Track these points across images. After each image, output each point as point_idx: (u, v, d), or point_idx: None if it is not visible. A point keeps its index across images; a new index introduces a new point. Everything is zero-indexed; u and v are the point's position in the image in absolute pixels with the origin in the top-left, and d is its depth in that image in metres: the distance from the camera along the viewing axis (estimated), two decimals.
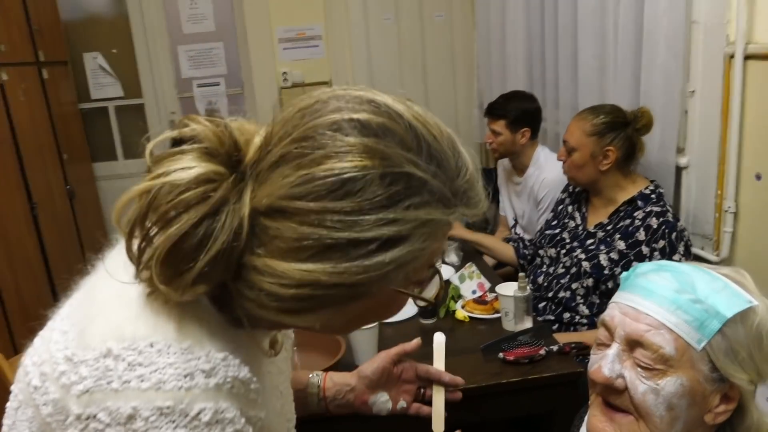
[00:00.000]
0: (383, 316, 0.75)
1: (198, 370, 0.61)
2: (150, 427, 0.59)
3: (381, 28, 4.22)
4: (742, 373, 0.81)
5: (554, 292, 2.17)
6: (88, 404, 0.60)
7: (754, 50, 1.88)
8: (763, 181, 1.94)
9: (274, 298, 0.62)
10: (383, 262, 0.60)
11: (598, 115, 2.11)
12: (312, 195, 0.59)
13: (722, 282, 0.84)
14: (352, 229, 0.59)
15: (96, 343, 0.62)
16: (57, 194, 3.35)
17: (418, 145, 0.62)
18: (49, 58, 3.43)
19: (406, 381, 1.12)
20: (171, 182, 0.60)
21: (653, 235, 1.98)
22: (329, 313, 0.64)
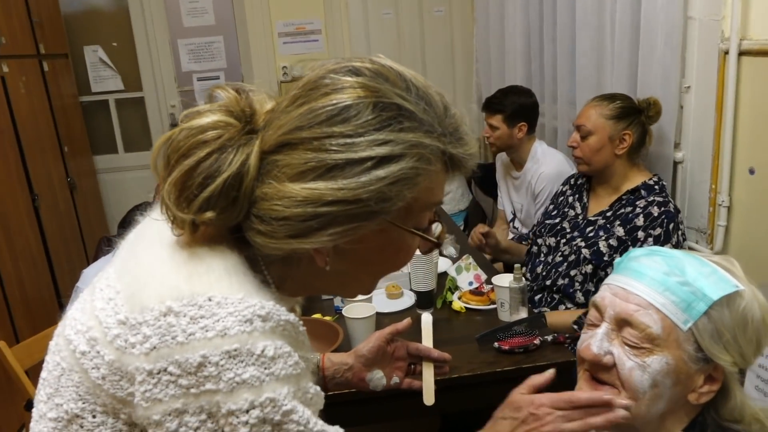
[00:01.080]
0: (392, 261, 0.78)
1: (255, 316, 0.67)
2: (222, 370, 0.64)
3: (380, 22, 4.24)
4: (726, 354, 0.84)
5: (552, 279, 2.20)
6: (157, 360, 0.65)
7: (748, 46, 1.90)
8: (756, 175, 1.97)
9: (284, 223, 0.68)
10: (380, 176, 0.67)
11: (614, 100, 2.15)
12: (313, 124, 0.68)
13: (711, 267, 0.87)
14: (350, 149, 0.67)
15: (154, 303, 0.67)
16: (58, 186, 3.37)
17: (407, 86, 0.71)
18: (50, 51, 3.45)
19: (398, 358, 1.19)
20: (188, 127, 0.71)
21: (651, 222, 2.02)
22: (337, 237, 0.68)
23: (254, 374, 0.65)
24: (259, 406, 0.65)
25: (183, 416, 0.65)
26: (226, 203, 0.69)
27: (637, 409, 0.87)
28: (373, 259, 0.76)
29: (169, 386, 0.64)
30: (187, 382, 0.64)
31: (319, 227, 0.68)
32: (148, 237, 0.77)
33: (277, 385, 0.66)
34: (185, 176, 0.69)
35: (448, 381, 1.61)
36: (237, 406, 0.64)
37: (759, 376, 1.41)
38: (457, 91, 4.45)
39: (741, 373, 0.90)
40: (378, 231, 0.72)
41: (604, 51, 2.58)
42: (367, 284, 0.82)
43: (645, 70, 2.28)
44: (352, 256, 0.74)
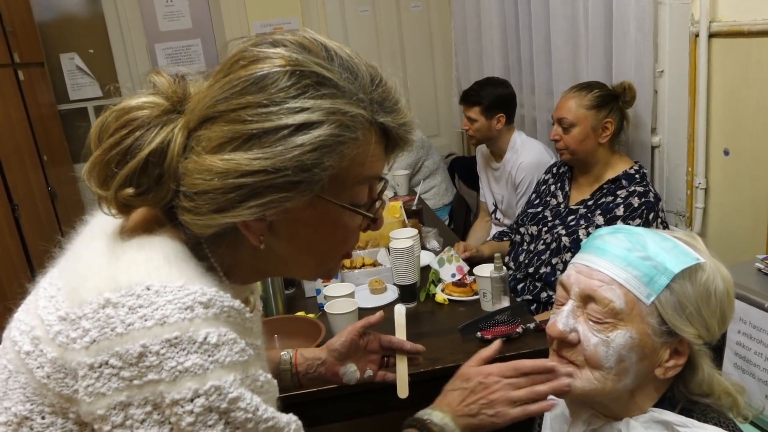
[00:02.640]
0: (331, 240, 0.76)
1: (196, 303, 0.65)
2: (163, 359, 0.63)
3: (358, 20, 4.24)
4: (690, 327, 0.85)
5: (535, 268, 2.21)
6: (98, 353, 0.63)
7: (717, 28, 1.92)
8: (730, 156, 1.99)
9: (206, 197, 0.67)
10: (296, 144, 0.65)
11: (591, 90, 2.16)
12: (230, 95, 0.67)
13: (672, 242, 0.88)
14: (265, 118, 0.65)
15: (92, 296, 0.65)
16: (38, 196, 3.34)
17: (329, 56, 0.70)
18: (25, 60, 3.41)
19: (371, 351, 1.18)
20: (118, 108, 0.71)
21: (631, 213, 2.03)
22: (260, 209, 0.67)
23: (197, 362, 0.63)
24: (204, 394, 0.63)
25: (128, 409, 0.63)
26: (149, 181, 0.69)
27: (604, 385, 0.87)
28: (310, 238, 0.75)
29: (111, 379, 0.63)
30: (129, 373, 0.63)
31: (241, 200, 0.67)
32: (90, 233, 0.76)
33: (222, 372, 0.65)
34: (105, 153, 0.69)
35: (433, 373, 1.62)
36: (181, 395, 0.63)
37: (737, 353, 1.42)
38: (438, 86, 4.46)
39: (716, 350, 0.91)
40: (309, 206, 0.71)
41: (578, 40, 2.59)
42: (313, 267, 0.80)
43: (619, 57, 2.30)
44: (288, 236, 0.73)
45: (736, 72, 1.90)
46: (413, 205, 2.67)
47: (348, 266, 2.22)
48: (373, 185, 0.77)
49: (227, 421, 0.65)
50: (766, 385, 1.36)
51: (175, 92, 0.72)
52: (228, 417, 0.65)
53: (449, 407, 0.93)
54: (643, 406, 0.90)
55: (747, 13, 1.83)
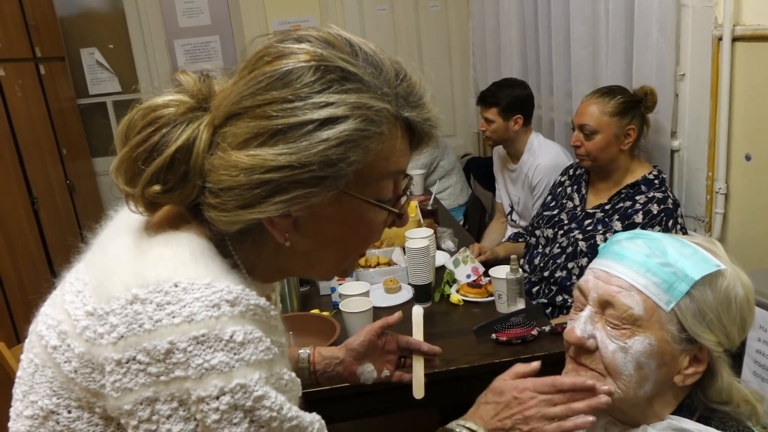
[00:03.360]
0: (355, 236, 0.76)
1: (223, 300, 0.65)
2: (190, 357, 0.63)
3: (376, 19, 4.24)
4: (710, 334, 0.84)
5: (550, 271, 2.20)
6: (125, 349, 0.64)
7: (741, 32, 1.89)
8: (752, 161, 1.96)
9: (232, 193, 0.67)
10: (322, 139, 0.65)
11: (614, 96, 2.12)
12: (255, 91, 0.67)
13: (692, 248, 0.87)
14: (291, 114, 0.65)
15: (120, 292, 0.66)
16: (57, 189, 3.38)
17: (353, 52, 0.70)
18: (46, 54, 3.45)
19: (388, 351, 1.18)
20: (145, 107, 0.71)
21: (651, 220, 2.01)
22: (286, 205, 0.67)
23: (223, 360, 0.64)
24: (230, 392, 0.64)
25: (155, 404, 0.64)
26: (175, 178, 0.69)
27: (625, 393, 0.87)
28: (334, 235, 0.74)
29: (138, 375, 0.64)
30: (156, 369, 0.63)
31: (266, 195, 0.67)
32: (116, 228, 0.76)
33: (247, 370, 0.65)
34: (132, 151, 0.70)
35: (447, 373, 1.62)
36: (207, 393, 0.63)
37: (756, 361, 1.40)
38: (455, 86, 4.45)
39: (735, 357, 0.90)
40: (334, 202, 0.70)
41: (598, 41, 2.57)
42: (334, 264, 0.80)
43: (640, 59, 2.28)
44: (312, 232, 0.73)
45: (760, 76, 1.88)
46: (428, 204, 2.67)
47: (363, 265, 2.22)
48: (398, 181, 0.77)
49: (252, 420, 0.66)
50: None
51: (200, 90, 0.73)
52: (253, 415, 0.66)
53: (482, 420, 0.92)
54: (660, 413, 0.90)
55: None
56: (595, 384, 0.85)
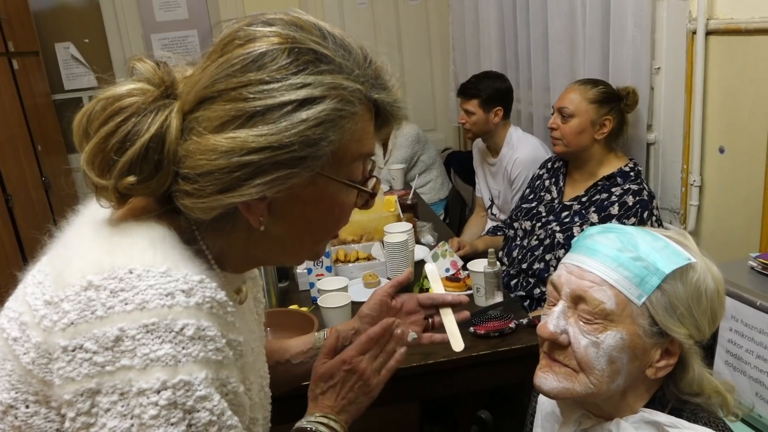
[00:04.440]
0: (329, 218, 0.77)
1: (178, 290, 0.65)
2: (138, 345, 0.62)
3: (356, 12, 4.22)
4: (681, 327, 0.85)
5: (528, 263, 2.21)
6: (74, 336, 0.63)
7: (715, 26, 1.91)
8: (726, 154, 1.98)
9: (210, 178, 0.66)
10: (301, 119, 0.66)
11: (597, 85, 2.17)
12: (229, 74, 0.67)
13: (664, 241, 0.88)
14: (268, 95, 0.65)
15: (75, 279, 0.65)
16: (32, 186, 3.32)
17: (323, 35, 0.70)
18: (19, 49, 3.39)
19: (409, 312, 1.11)
20: (105, 97, 0.69)
21: (626, 212, 2.03)
22: (266, 187, 0.67)
23: (169, 352, 0.63)
24: (172, 387, 0.62)
25: (95, 396, 0.62)
26: (149, 167, 0.68)
27: (597, 387, 0.87)
28: (309, 217, 0.75)
29: (83, 365, 0.62)
30: (102, 359, 0.62)
31: (246, 178, 0.66)
32: (80, 221, 0.76)
33: (194, 367, 0.64)
34: (103, 142, 0.68)
35: (425, 367, 1.62)
36: (148, 385, 0.62)
37: (728, 350, 1.42)
38: (435, 80, 4.45)
39: (707, 348, 0.91)
40: (310, 184, 0.70)
41: (576, 36, 2.58)
42: (308, 247, 0.80)
43: (616, 53, 2.29)
44: (287, 215, 0.73)
45: (733, 70, 1.90)
46: (408, 199, 2.67)
47: (342, 260, 2.22)
48: (366, 163, 0.78)
49: (190, 423, 0.64)
50: (756, 383, 1.36)
51: (162, 78, 0.72)
52: (192, 417, 0.64)
53: (329, 408, 0.91)
54: (634, 406, 0.90)
55: (744, 10, 1.83)
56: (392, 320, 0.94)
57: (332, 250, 2.20)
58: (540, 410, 1.08)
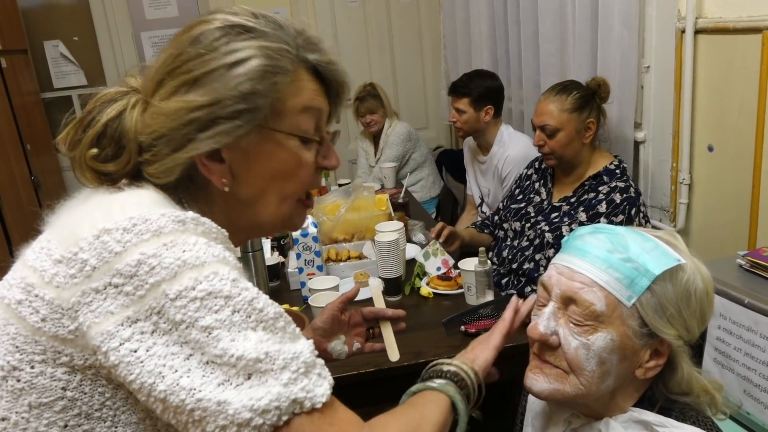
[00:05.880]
0: (287, 172, 0.81)
1: (188, 218, 0.71)
2: (161, 259, 0.66)
3: (347, 11, 4.22)
4: (670, 328, 0.85)
5: (518, 263, 2.22)
6: (100, 277, 0.66)
7: (703, 24, 1.92)
8: (715, 152, 2.00)
9: (164, 140, 0.76)
10: (234, 76, 0.75)
11: (570, 92, 2.13)
12: (176, 55, 0.77)
13: (653, 242, 0.88)
14: (207, 63, 0.75)
15: (87, 232, 0.68)
16: (21, 185, 3.30)
17: (255, 16, 0.80)
18: (8, 47, 3.37)
19: (355, 325, 1.22)
20: (95, 97, 0.82)
21: (614, 209, 2.04)
22: (213, 140, 0.75)
23: (194, 254, 0.67)
24: (204, 279, 0.66)
25: (136, 324, 0.65)
26: (109, 143, 0.79)
27: (587, 388, 0.88)
28: (268, 174, 0.80)
29: (117, 297, 0.65)
30: (131, 287, 0.65)
31: (193, 134, 0.75)
32: (76, 199, 0.80)
33: (218, 265, 0.68)
34: (77, 124, 0.80)
35: (416, 366, 1.61)
36: (183, 286, 0.65)
37: (717, 348, 1.43)
38: (426, 78, 4.45)
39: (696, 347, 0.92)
40: (259, 139, 0.77)
41: (566, 34, 2.59)
42: (275, 208, 0.83)
43: (605, 51, 2.30)
44: (247, 174, 0.79)
45: (721, 68, 1.91)
46: (400, 197, 2.67)
47: (333, 259, 2.22)
48: (320, 122, 0.83)
49: (235, 309, 0.66)
50: (744, 380, 1.37)
51: (136, 82, 0.83)
52: (235, 303, 0.67)
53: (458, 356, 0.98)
54: (623, 406, 0.91)
55: (733, 9, 1.84)
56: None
57: (323, 249, 2.20)
58: (530, 409, 1.08)
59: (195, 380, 0.64)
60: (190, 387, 0.64)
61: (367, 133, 3.67)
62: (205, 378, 0.64)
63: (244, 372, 0.65)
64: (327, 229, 2.35)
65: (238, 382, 0.64)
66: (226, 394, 0.64)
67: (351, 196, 2.47)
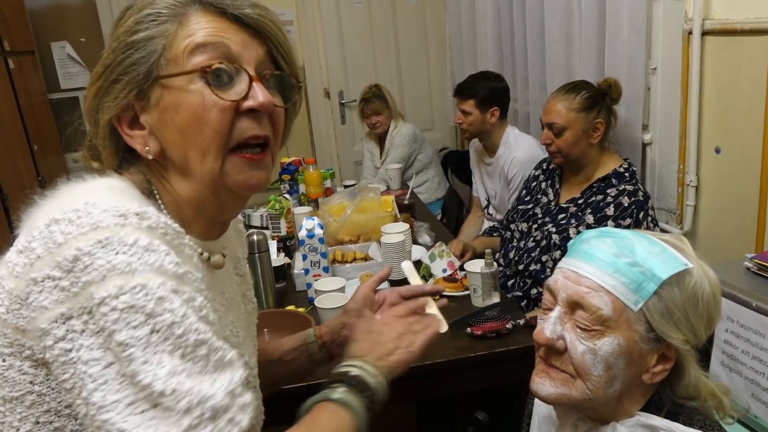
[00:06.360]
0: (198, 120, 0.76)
1: (131, 213, 0.68)
2: (94, 259, 0.64)
3: (352, 12, 4.22)
4: (677, 333, 0.85)
5: (525, 265, 2.22)
6: (42, 267, 0.65)
7: (710, 26, 1.92)
8: (722, 154, 1.99)
9: (88, 114, 0.80)
10: (116, 35, 0.77)
11: (579, 92, 2.13)
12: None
13: (660, 246, 0.88)
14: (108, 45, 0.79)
15: (41, 221, 0.68)
16: (29, 185, 3.31)
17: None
18: (15, 48, 3.38)
19: (392, 304, 1.13)
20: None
21: (622, 213, 2.03)
22: (117, 99, 0.76)
23: (125, 260, 0.64)
24: (129, 291, 0.63)
25: (69, 321, 0.64)
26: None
27: (594, 392, 0.87)
28: (179, 126, 0.76)
29: (52, 292, 0.64)
30: (67, 282, 0.64)
31: (99, 98, 0.77)
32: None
33: (150, 275, 0.65)
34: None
35: (422, 368, 1.62)
36: (107, 293, 0.63)
37: (724, 351, 1.43)
38: (432, 80, 4.45)
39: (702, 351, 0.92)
40: (163, 92, 0.76)
41: (572, 35, 2.59)
42: (200, 163, 0.78)
43: (612, 53, 2.30)
44: (162, 132, 0.78)
45: (728, 70, 1.90)
46: (405, 199, 2.67)
47: (339, 260, 2.22)
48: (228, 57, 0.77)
49: (154, 328, 0.64)
50: (752, 384, 1.37)
51: None
52: (155, 322, 0.64)
53: (368, 353, 0.91)
54: (630, 410, 0.90)
55: (740, 11, 1.83)
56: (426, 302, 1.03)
57: (329, 250, 2.20)
58: (536, 413, 1.08)
59: (107, 396, 0.63)
60: (100, 404, 0.63)
61: (373, 134, 3.68)
62: (119, 394, 0.63)
63: (150, 400, 0.63)
64: (333, 231, 2.35)
65: (144, 408, 0.63)
66: (128, 423, 0.62)
67: (357, 198, 2.47)
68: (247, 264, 1.06)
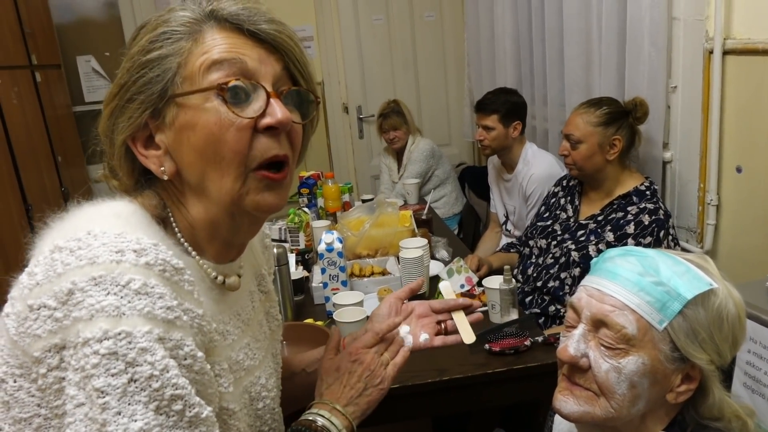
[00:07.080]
0: (213, 138, 0.75)
1: (129, 249, 0.68)
2: (86, 296, 0.64)
3: (371, 28, 4.26)
4: (702, 353, 0.85)
5: (543, 281, 2.21)
6: (39, 295, 0.66)
7: (732, 45, 1.92)
8: (743, 173, 1.98)
9: (105, 139, 0.80)
10: (131, 54, 0.77)
11: (601, 107, 2.15)
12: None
13: (685, 266, 0.88)
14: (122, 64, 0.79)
15: (47, 247, 0.69)
16: (52, 196, 3.37)
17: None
18: (42, 62, 3.45)
19: (421, 316, 1.13)
20: None
21: (642, 231, 2.02)
22: (131, 119, 0.76)
23: (113, 303, 0.64)
24: (113, 337, 0.63)
25: (62, 351, 0.65)
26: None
27: (618, 411, 0.87)
28: (195, 145, 0.75)
29: (46, 321, 0.65)
30: (60, 314, 0.64)
31: (114, 118, 0.77)
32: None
33: (137, 320, 0.64)
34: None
35: (439, 383, 1.62)
36: (92, 334, 0.63)
37: (746, 372, 1.41)
38: (450, 96, 4.47)
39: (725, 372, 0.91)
40: (179, 111, 0.75)
41: (591, 54, 2.60)
42: (218, 182, 0.77)
43: (632, 71, 2.30)
44: (181, 152, 0.77)
45: (750, 89, 1.90)
46: (423, 214, 2.68)
47: (357, 274, 2.23)
48: (244, 74, 0.76)
49: (133, 378, 0.64)
50: None
51: None
52: (135, 372, 0.64)
53: (333, 397, 0.91)
54: (653, 430, 0.90)
55: (762, 31, 1.83)
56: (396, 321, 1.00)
57: (347, 264, 2.21)
58: (557, 430, 1.08)
59: None
60: None
61: (391, 149, 3.70)
62: None
63: None
64: (351, 245, 2.36)
65: None
66: None
67: (375, 212, 2.48)
68: (272, 280, 1.06)
